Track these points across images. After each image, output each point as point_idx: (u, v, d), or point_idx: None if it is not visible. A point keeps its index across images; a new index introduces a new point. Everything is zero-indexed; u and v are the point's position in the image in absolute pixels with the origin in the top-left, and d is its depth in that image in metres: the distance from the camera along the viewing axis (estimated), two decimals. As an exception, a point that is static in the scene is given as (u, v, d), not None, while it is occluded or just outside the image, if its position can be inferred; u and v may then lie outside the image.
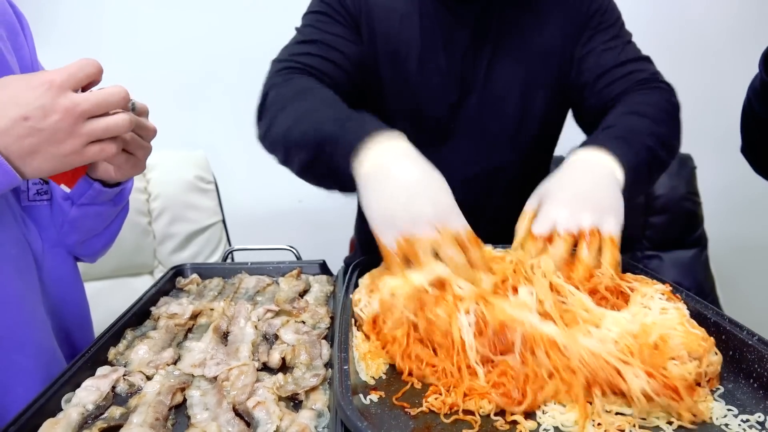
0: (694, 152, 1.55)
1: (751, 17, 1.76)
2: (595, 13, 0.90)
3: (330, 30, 0.86)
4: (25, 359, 0.65)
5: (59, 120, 0.52)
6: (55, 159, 0.54)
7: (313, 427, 0.49)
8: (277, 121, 0.76)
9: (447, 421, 0.49)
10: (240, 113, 1.76)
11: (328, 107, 0.72)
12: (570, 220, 0.64)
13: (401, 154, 0.64)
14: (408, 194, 0.61)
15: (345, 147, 0.65)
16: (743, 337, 0.56)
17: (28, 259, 0.69)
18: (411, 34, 0.88)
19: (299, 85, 0.78)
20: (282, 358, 0.61)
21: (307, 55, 0.83)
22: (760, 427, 0.48)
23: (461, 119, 0.91)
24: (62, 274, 0.75)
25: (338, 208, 1.78)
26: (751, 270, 1.88)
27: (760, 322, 0.69)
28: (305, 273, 0.89)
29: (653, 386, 0.48)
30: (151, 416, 0.50)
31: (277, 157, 0.78)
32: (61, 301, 0.75)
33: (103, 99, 0.54)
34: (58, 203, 0.73)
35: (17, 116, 0.50)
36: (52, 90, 0.51)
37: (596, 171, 0.69)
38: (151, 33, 1.68)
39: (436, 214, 0.60)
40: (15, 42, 0.70)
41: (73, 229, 0.75)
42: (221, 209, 1.58)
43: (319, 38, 0.84)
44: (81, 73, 0.53)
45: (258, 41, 1.68)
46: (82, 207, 0.72)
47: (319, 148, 0.68)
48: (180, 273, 0.89)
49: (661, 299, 0.60)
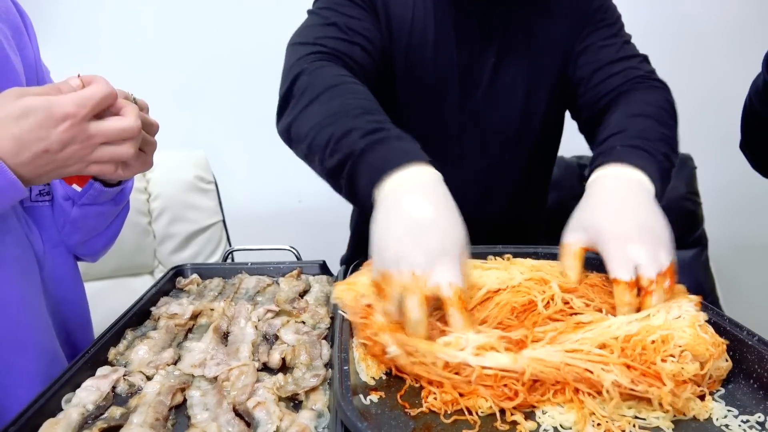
0: (694, 152, 1.55)
1: (751, 17, 1.76)
2: (597, 10, 0.91)
3: (350, 13, 0.82)
4: (26, 362, 0.65)
5: (76, 150, 0.54)
6: (60, 176, 0.57)
7: (313, 427, 0.49)
8: (304, 115, 0.71)
9: (447, 421, 0.49)
10: (240, 113, 1.77)
11: (360, 112, 0.67)
12: (651, 262, 0.58)
13: (420, 186, 0.58)
14: (405, 232, 0.55)
15: (369, 169, 0.61)
16: (743, 337, 0.56)
17: (30, 259, 0.69)
18: (426, 25, 0.86)
19: (330, 75, 0.73)
20: (282, 359, 0.61)
21: (333, 39, 0.79)
22: (760, 427, 0.48)
23: (467, 113, 0.92)
24: (63, 274, 0.75)
25: (338, 208, 1.78)
26: (751, 270, 1.88)
27: (760, 322, 0.69)
28: (305, 273, 0.89)
29: (631, 376, 0.48)
30: (151, 416, 0.50)
31: (297, 152, 0.74)
32: (62, 301, 0.75)
33: (115, 132, 0.56)
34: (60, 204, 0.74)
35: (40, 151, 0.52)
36: (74, 126, 0.53)
37: (637, 193, 0.65)
38: (151, 33, 1.68)
39: (425, 261, 0.53)
40: (19, 41, 0.70)
41: (75, 229, 0.75)
42: (221, 209, 1.59)
43: (342, 21, 0.81)
44: (97, 101, 0.54)
45: (258, 42, 1.69)
46: (84, 207, 0.73)
47: (343, 161, 0.63)
48: (180, 273, 0.89)
49: (688, 310, 0.57)
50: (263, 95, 1.57)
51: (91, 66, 1.02)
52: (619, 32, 0.91)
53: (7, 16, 0.70)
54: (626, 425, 0.47)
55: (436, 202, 0.57)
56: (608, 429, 0.47)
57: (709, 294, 1.52)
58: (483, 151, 0.94)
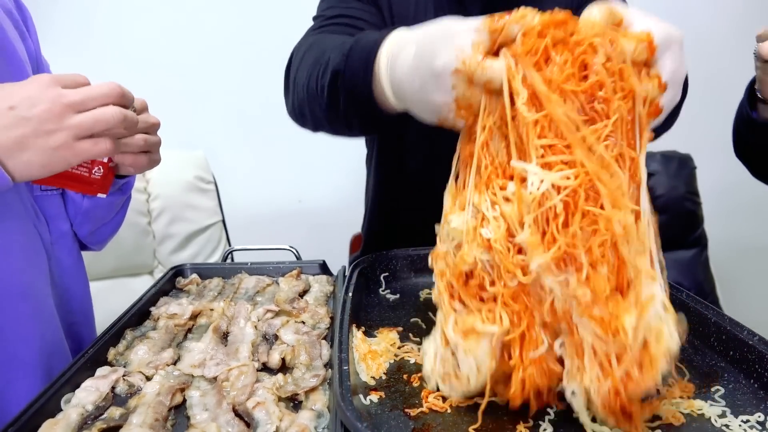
0: (694, 152, 1.55)
1: (752, 17, 1.76)
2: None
3: (353, 6, 0.85)
4: (28, 352, 0.65)
5: (46, 110, 0.51)
6: (44, 154, 0.52)
7: (313, 427, 0.49)
8: (296, 79, 0.72)
9: (447, 420, 0.49)
10: (240, 113, 1.77)
11: (336, 45, 0.65)
12: None
13: (410, 30, 0.56)
14: (438, 26, 0.51)
15: (360, 58, 0.59)
16: (743, 337, 0.56)
17: (37, 249, 0.69)
18: (426, 18, 0.88)
19: (314, 39, 0.74)
20: (282, 359, 0.61)
21: (333, 25, 0.80)
22: (760, 427, 0.48)
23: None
24: (69, 264, 0.76)
25: (338, 208, 1.79)
26: (751, 270, 1.88)
27: (760, 322, 0.69)
28: (305, 273, 0.89)
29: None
30: (151, 417, 0.50)
31: (308, 126, 0.74)
32: (67, 292, 0.75)
33: (90, 92, 0.53)
34: (71, 197, 0.75)
35: (3, 107, 0.50)
36: (41, 84, 0.51)
37: None
38: (151, 33, 1.68)
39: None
40: (20, 33, 0.70)
41: (86, 220, 0.77)
42: (221, 209, 1.59)
43: (344, 13, 0.83)
44: (74, 77, 0.53)
45: (258, 42, 1.69)
46: (94, 198, 0.74)
47: (333, 85, 0.62)
48: (180, 273, 0.89)
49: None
50: (263, 95, 1.57)
51: (89, 64, 1.02)
52: None
53: (6, 7, 0.70)
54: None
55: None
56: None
57: (709, 294, 1.52)
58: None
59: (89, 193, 0.67)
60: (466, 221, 0.51)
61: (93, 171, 0.66)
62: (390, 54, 0.56)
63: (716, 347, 0.60)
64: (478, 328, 0.49)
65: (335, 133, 0.71)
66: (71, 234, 0.77)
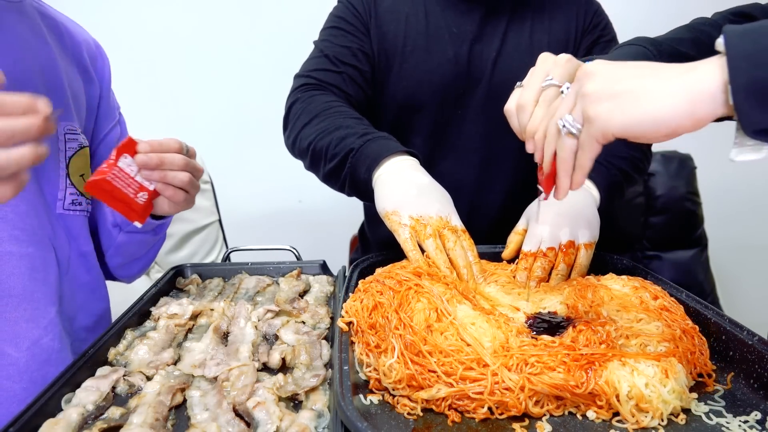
0: (694, 152, 1.55)
1: (751, 17, 1.76)
2: (597, 26, 0.98)
3: (342, 43, 0.95)
4: (18, 355, 0.66)
5: None
6: None
7: (313, 427, 0.49)
8: (302, 134, 0.87)
9: (447, 421, 0.49)
10: (238, 113, 1.77)
11: (352, 124, 0.83)
12: (552, 237, 0.75)
13: (413, 167, 0.77)
14: (419, 191, 0.73)
15: (366, 159, 0.77)
16: (743, 337, 0.56)
17: (47, 261, 0.70)
18: (417, 30, 0.96)
19: (320, 102, 0.89)
20: (282, 359, 0.61)
21: (323, 71, 0.94)
22: (759, 427, 0.48)
23: (468, 107, 0.97)
24: (84, 282, 0.78)
25: (338, 208, 1.79)
26: (751, 270, 1.88)
27: (760, 322, 0.69)
28: (305, 273, 0.89)
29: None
30: (151, 416, 0.50)
31: (304, 163, 0.90)
32: (81, 309, 0.77)
33: (10, 101, 0.46)
34: (108, 229, 0.82)
35: None
36: None
37: (575, 193, 0.73)
38: (150, 33, 1.68)
39: (442, 210, 0.73)
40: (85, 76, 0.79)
41: (118, 253, 0.84)
42: (217, 209, 1.58)
43: (332, 53, 0.95)
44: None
45: (256, 42, 1.69)
46: (129, 234, 0.81)
47: (344, 159, 0.79)
48: (180, 273, 0.89)
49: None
50: (262, 95, 1.57)
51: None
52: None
53: (75, 49, 0.78)
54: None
55: (429, 176, 0.77)
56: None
57: (709, 294, 1.52)
58: (483, 142, 0.98)
59: (128, 217, 0.69)
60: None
61: (138, 195, 0.68)
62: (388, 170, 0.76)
63: (716, 347, 0.60)
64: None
65: (325, 183, 0.87)
66: (93, 255, 0.80)
